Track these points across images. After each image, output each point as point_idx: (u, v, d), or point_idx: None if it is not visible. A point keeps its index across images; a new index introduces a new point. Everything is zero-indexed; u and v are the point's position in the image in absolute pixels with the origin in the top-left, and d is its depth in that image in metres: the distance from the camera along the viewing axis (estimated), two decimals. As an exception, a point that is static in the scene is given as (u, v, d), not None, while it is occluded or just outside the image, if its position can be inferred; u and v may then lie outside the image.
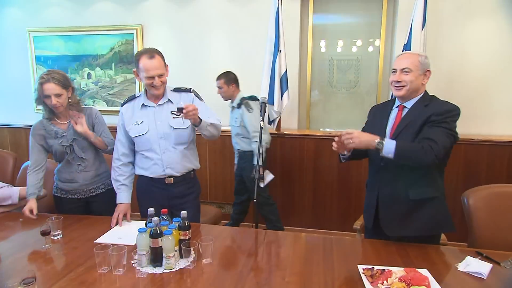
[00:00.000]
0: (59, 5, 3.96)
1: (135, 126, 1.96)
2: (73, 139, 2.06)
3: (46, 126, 2.07)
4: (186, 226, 1.52)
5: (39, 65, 4.11)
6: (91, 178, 2.13)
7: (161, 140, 1.95)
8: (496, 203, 1.85)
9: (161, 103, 1.97)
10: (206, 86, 3.69)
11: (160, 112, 1.96)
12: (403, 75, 1.68)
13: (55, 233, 1.71)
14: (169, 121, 1.94)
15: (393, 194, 1.71)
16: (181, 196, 2.02)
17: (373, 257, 1.55)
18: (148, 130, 1.94)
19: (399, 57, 1.74)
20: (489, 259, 1.52)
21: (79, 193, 2.12)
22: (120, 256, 1.39)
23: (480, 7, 3.11)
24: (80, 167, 2.09)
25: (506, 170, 3.01)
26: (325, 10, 3.53)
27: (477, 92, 3.20)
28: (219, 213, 2.81)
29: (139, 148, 2.00)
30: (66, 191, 2.13)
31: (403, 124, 1.68)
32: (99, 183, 2.17)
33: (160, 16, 3.75)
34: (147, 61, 1.85)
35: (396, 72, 1.71)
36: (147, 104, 1.97)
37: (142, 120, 1.96)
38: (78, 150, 2.07)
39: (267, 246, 1.72)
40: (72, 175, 2.10)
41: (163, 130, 1.95)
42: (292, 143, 3.37)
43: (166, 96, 1.98)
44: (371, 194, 1.83)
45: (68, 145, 2.05)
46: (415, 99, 1.71)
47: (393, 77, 1.71)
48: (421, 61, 1.67)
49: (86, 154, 2.10)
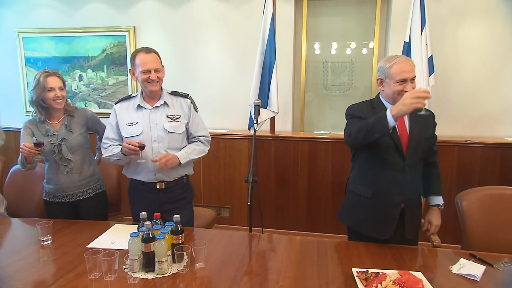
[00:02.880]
0: (49, 6, 3.93)
1: (129, 126, 1.94)
2: (62, 139, 2.05)
3: (39, 123, 2.08)
4: (179, 230, 1.51)
5: (29, 67, 4.07)
6: (76, 181, 2.11)
7: (154, 143, 1.93)
8: (489, 205, 1.87)
9: (157, 105, 1.96)
10: (199, 88, 3.71)
11: (156, 115, 1.95)
12: (412, 84, 1.65)
13: (44, 238, 1.69)
14: (164, 124, 1.94)
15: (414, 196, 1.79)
16: (173, 201, 2.01)
17: (368, 260, 1.56)
18: (142, 132, 1.93)
19: (403, 64, 1.64)
20: (482, 261, 1.53)
21: (66, 196, 2.11)
22: (112, 261, 1.38)
23: (473, 10, 3.16)
24: (66, 168, 2.08)
25: (499, 172, 3.05)
26: (319, 12, 3.55)
27: (470, 94, 3.25)
28: (213, 216, 2.80)
29: None
30: (53, 195, 2.11)
31: (416, 127, 1.72)
32: (87, 187, 2.15)
33: (153, 18, 3.75)
34: (143, 56, 1.86)
35: (407, 82, 1.64)
36: (143, 105, 1.96)
37: (137, 121, 1.95)
38: (66, 151, 2.06)
39: (261, 250, 1.72)
40: (58, 177, 2.09)
41: (158, 133, 1.93)
42: (286, 145, 3.38)
43: (162, 99, 1.98)
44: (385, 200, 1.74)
45: (56, 144, 2.04)
46: None
47: (406, 87, 1.63)
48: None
49: (73, 155, 2.09)
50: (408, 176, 1.72)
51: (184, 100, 2.03)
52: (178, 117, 1.99)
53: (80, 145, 2.10)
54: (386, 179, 1.73)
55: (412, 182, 1.74)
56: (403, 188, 1.72)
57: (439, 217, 1.83)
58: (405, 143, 1.71)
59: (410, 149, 1.70)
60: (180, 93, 2.06)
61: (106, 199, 2.28)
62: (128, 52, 3.80)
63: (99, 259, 1.38)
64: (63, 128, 2.08)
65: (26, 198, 2.32)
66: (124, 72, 3.87)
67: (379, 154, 1.73)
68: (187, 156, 1.95)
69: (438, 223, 1.82)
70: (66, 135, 2.06)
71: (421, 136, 1.73)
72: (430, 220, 1.83)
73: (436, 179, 1.87)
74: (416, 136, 1.71)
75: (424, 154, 1.78)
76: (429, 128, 1.78)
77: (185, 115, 2.01)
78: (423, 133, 1.73)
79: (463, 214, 1.87)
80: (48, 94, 1.99)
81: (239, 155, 3.49)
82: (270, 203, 3.45)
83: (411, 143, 1.70)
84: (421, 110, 1.50)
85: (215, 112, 3.73)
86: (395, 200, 1.73)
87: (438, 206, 1.84)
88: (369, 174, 1.79)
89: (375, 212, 1.76)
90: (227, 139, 3.50)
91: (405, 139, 1.71)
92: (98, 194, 2.18)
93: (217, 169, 3.58)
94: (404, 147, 1.71)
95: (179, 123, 1.98)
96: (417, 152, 1.72)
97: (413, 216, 1.78)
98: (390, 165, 1.72)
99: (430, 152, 1.83)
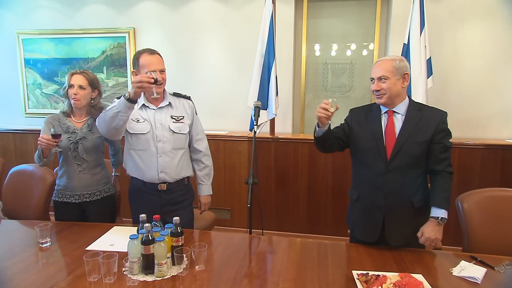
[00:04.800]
0: (49, 7, 3.94)
1: (136, 123, 1.94)
2: (82, 138, 2.07)
3: (61, 119, 2.11)
4: (178, 232, 1.51)
5: (28, 68, 4.08)
6: (86, 181, 2.10)
7: (159, 143, 1.94)
8: (490, 207, 1.87)
9: (161, 105, 1.98)
10: (199, 89, 3.72)
11: (161, 115, 1.96)
12: (381, 84, 1.70)
13: (43, 240, 1.69)
14: (169, 124, 1.95)
15: (399, 202, 1.71)
16: (174, 203, 2.01)
17: (368, 262, 1.56)
18: (149, 131, 1.94)
19: (374, 65, 1.75)
20: (483, 264, 1.53)
21: (73, 197, 2.10)
22: (111, 264, 1.38)
23: (473, 11, 3.17)
24: (80, 167, 2.08)
25: (500, 174, 3.05)
26: (319, 14, 3.56)
27: (471, 95, 3.25)
28: (213, 218, 2.80)
29: (133, 146, 1.97)
30: (62, 193, 2.11)
31: (407, 131, 1.69)
32: (95, 189, 2.13)
33: (153, 19, 3.76)
34: (148, 57, 1.87)
35: (374, 81, 1.72)
36: (147, 105, 1.97)
37: (143, 119, 1.95)
38: (82, 150, 2.07)
39: (261, 252, 1.72)
40: (69, 174, 2.09)
41: (163, 133, 1.95)
42: (286, 147, 3.38)
43: (166, 99, 1.99)
44: (368, 203, 1.77)
45: (74, 142, 2.05)
46: (404, 104, 1.74)
47: (372, 86, 1.74)
48: (396, 66, 1.68)
49: (88, 156, 2.09)
50: (391, 181, 1.69)
51: (187, 102, 2.07)
52: (182, 118, 2.01)
53: (96, 147, 2.12)
54: (368, 183, 1.77)
55: (396, 187, 1.69)
56: (384, 193, 1.71)
57: (434, 230, 1.64)
58: (390, 147, 1.70)
59: (394, 153, 1.68)
60: (182, 95, 2.09)
61: (114, 203, 2.27)
62: (128, 54, 3.81)
63: (98, 261, 1.37)
64: (85, 127, 2.10)
65: (25, 200, 2.31)
66: (124, 74, 3.88)
67: (362, 158, 1.79)
68: (209, 184, 2.18)
69: (430, 235, 1.64)
70: (86, 135, 2.08)
71: (412, 140, 1.67)
72: (422, 231, 1.67)
73: (440, 190, 1.69)
74: (404, 140, 1.68)
75: (415, 159, 1.68)
76: (425, 133, 1.68)
77: (189, 116, 2.05)
78: (415, 137, 1.67)
79: (463, 216, 1.87)
80: (69, 91, 2.06)
81: (239, 157, 3.49)
82: (270, 205, 3.44)
83: (396, 147, 1.68)
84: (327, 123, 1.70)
85: (215, 113, 3.73)
86: (377, 204, 1.73)
87: (436, 219, 1.65)
88: (356, 177, 1.87)
89: (361, 215, 1.82)
90: (227, 141, 3.50)
91: (391, 143, 1.70)
92: (106, 198, 2.17)
93: (217, 170, 3.57)
94: (388, 151, 1.70)
95: (183, 124, 2.00)
96: (403, 156, 1.67)
97: (398, 222, 1.71)
98: (372, 169, 1.74)
99: (433, 159, 1.70)
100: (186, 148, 2.05)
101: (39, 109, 4.12)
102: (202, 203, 2.17)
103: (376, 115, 1.78)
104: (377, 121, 1.77)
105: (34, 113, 4.12)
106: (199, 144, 2.12)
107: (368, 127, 1.79)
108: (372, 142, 1.73)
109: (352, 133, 1.84)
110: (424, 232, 1.66)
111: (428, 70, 2.94)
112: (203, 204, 2.17)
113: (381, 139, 1.72)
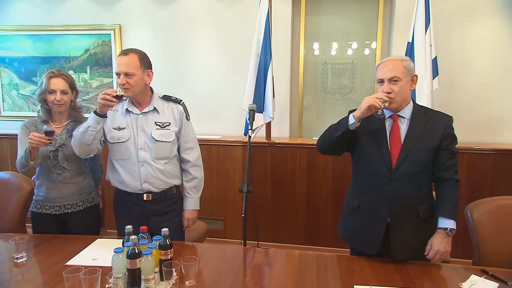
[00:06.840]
0: (27, 2, 3.93)
1: (116, 131, 1.95)
2: (61, 145, 2.04)
3: (39, 125, 2.08)
4: (167, 244, 1.50)
5: (4, 67, 4.05)
6: (68, 191, 2.08)
7: (140, 151, 1.93)
8: (502, 217, 1.87)
9: (145, 111, 1.97)
10: (190, 91, 3.72)
11: (144, 121, 1.95)
12: (392, 85, 1.67)
13: (19, 255, 1.67)
14: (152, 131, 1.93)
15: (405, 213, 1.70)
16: (161, 214, 2.00)
17: (371, 276, 1.56)
18: (128, 138, 1.93)
19: (383, 64, 1.71)
20: (495, 278, 1.54)
21: (53, 208, 2.07)
22: (93, 280, 1.36)
23: (481, 7, 3.19)
24: (60, 177, 2.06)
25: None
26: (318, 10, 3.59)
27: (480, 96, 3.27)
28: (205, 228, 2.79)
29: (114, 156, 1.98)
30: (40, 204, 2.09)
31: (413, 137, 1.69)
32: (77, 199, 2.11)
33: (140, 16, 3.76)
34: (119, 58, 1.88)
35: (384, 82, 1.69)
36: (131, 110, 1.97)
37: (124, 126, 1.95)
38: (62, 158, 2.05)
39: (257, 265, 1.71)
40: (49, 184, 2.07)
41: (144, 140, 1.94)
42: (283, 153, 3.38)
43: (152, 104, 1.98)
44: (371, 213, 1.76)
45: (54, 150, 2.03)
46: (409, 107, 1.75)
47: (381, 88, 1.70)
48: (407, 66, 1.68)
49: (68, 164, 2.07)
50: (397, 189, 1.68)
51: (176, 106, 2.04)
52: (167, 124, 1.99)
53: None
54: (372, 191, 1.76)
55: (401, 196, 1.69)
56: (388, 202, 1.70)
57: (443, 242, 1.65)
58: (395, 154, 1.70)
59: (400, 161, 1.68)
60: (172, 98, 2.06)
61: (98, 214, 2.26)
62: (113, 52, 3.81)
63: (80, 277, 1.36)
64: (64, 133, 2.07)
65: (0, 211, 2.28)
66: (109, 74, 3.87)
67: (366, 164, 1.78)
68: (196, 198, 2.12)
69: (439, 248, 1.64)
70: (66, 141, 2.05)
71: (418, 147, 1.68)
72: (431, 244, 1.68)
73: (447, 199, 1.70)
74: (411, 147, 1.68)
75: (422, 167, 1.69)
76: (433, 139, 1.69)
77: (176, 122, 2.02)
78: (422, 143, 1.68)
79: (473, 226, 1.87)
80: (48, 97, 2.02)
81: (232, 163, 3.49)
82: (266, 215, 3.44)
83: (402, 155, 1.68)
84: (378, 110, 1.63)
85: (207, 116, 3.73)
86: (381, 214, 1.72)
87: (445, 230, 1.66)
88: (357, 184, 1.87)
89: (361, 225, 1.81)
90: (220, 146, 3.50)
91: (396, 150, 1.70)
92: (89, 208, 2.14)
93: (209, 178, 3.57)
94: (393, 158, 1.70)
95: (169, 131, 1.98)
96: (410, 164, 1.67)
97: (403, 234, 1.70)
98: (376, 177, 1.73)
99: (439, 166, 1.71)
100: (173, 157, 2.03)
101: (15, 112, 4.09)
102: (185, 218, 2.10)
103: (379, 119, 1.76)
104: (381, 125, 1.76)
105: (10, 116, 4.09)
106: (188, 153, 2.08)
107: (371, 132, 1.77)
108: (375, 148, 1.73)
109: (355, 136, 1.81)
110: (433, 245, 1.66)
111: (434, 70, 2.97)
112: (186, 219, 2.10)
113: (385, 145, 1.72)
